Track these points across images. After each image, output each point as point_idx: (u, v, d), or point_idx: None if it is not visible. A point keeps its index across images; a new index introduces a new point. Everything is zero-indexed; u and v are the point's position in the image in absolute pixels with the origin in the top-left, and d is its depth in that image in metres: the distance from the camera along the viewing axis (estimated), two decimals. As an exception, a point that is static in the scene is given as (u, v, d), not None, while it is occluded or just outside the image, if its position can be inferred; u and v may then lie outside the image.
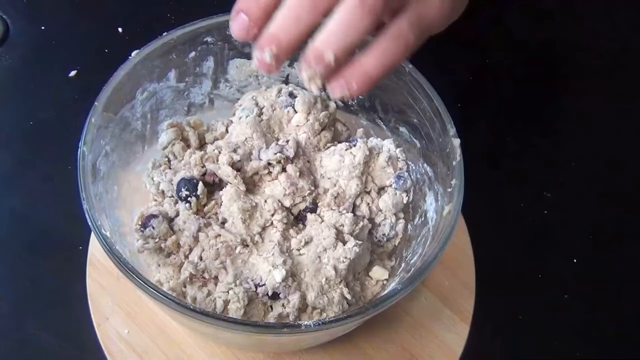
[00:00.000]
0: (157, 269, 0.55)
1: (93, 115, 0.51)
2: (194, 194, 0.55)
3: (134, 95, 0.55)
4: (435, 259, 0.49)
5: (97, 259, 0.64)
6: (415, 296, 0.65)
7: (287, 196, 0.55)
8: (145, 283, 0.45)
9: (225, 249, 0.53)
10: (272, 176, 0.56)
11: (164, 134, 0.61)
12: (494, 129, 0.50)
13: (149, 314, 0.61)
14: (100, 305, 0.61)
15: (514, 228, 0.72)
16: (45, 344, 0.60)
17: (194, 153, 0.59)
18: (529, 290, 0.68)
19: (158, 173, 0.59)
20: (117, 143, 0.55)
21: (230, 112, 0.64)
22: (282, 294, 0.52)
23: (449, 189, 0.53)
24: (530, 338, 0.65)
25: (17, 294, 0.64)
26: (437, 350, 0.62)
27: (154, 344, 0.60)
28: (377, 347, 0.62)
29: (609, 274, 0.70)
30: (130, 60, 0.53)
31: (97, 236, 0.47)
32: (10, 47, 0.81)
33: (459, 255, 0.68)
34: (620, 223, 0.74)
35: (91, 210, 0.47)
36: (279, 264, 0.52)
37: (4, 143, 0.74)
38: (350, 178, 0.57)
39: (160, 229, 0.54)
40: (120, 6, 0.86)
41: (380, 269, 0.59)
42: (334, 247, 0.54)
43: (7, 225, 0.68)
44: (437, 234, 0.53)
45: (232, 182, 0.55)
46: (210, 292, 0.53)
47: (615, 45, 0.90)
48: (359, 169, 0.57)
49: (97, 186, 0.51)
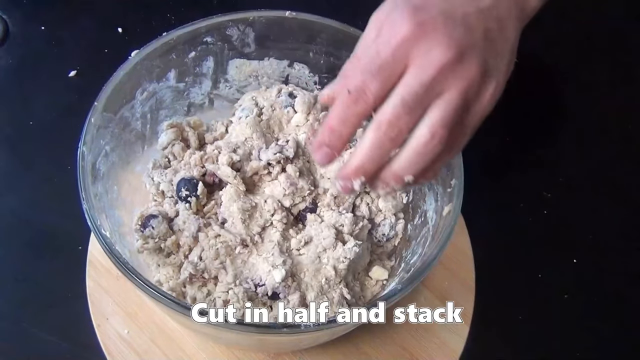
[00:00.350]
0: (157, 269, 0.55)
1: (93, 115, 0.51)
2: (194, 194, 0.55)
3: (134, 95, 0.55)
4: (435, 259, 0.49)
5: (97, 259, 0.64)
6: (415, 296, 0.65)
7: (287, 196, 0.55)
8: (145, 283, 0.45)
9: (225, 249, 0.53)
10: (272, 176, 0.56)
11: (164, 135, 0.61)
12: (493, 130, 0.50)
13: (149, 314, 0.61)
14: (100, 305, 0.61)
15: (514, 228, 0.72)
16: (45, 344, 0.60)
17: (194, 153, 0.59)
18: (529, 290, 0.68)
19: (158, 173, 0.59)
20: (117, 143, 0.55)
21: (230, 112, 0.64)
22: (281, 294, 0.52)
23: (448, 189, 0.53)
24: (530, 338, 0.65)
25: (17, 294, 0.64)
26: (437, 351, 0.62)
27: (154, 344, 0.60)
28: (377, 347, 0.62)
29: (609, 274, 0.70)
30: (130, 60, 0.53)
31: (96, 236, 0.47)
32: (10, 47, 0.81)
33: (459, 255, 0.68)
34: (620, 223, 0.74)
35: (91, 210, 0.48)
36: (278, 264, 0.52)
37: (4, 143, 0.74)
38: None
39: (160, 229, 0.54)
40: (120, 6, 0.86)
41: (380, 269, 0.59)
42: (333, 247, 0.54)
43: (7, 225, 0.68)
44: (437, 234, 0.53)
45: (231, 182, 0.55)
46: (210, 292, 0.53)
47: (611, 39, 0.90)
48: None
49: (97, 186, 0.51)
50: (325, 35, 0.61)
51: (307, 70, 0.65)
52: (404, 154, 0.42)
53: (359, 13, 0.48)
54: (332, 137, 0.43)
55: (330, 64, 0.63)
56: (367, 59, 0.41)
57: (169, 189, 0.58)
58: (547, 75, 0.87)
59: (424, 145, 0.41)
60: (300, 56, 0.64)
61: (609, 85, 0.86)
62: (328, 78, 0.65)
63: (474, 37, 0.41)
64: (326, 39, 0.61)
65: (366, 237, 0.59)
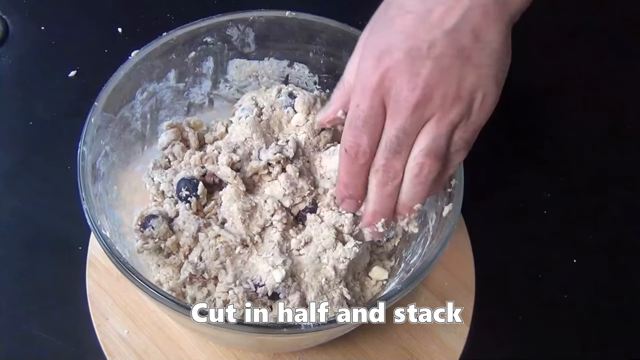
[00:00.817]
0: (157, 269, 0.55)
1: (93, 115, 0.51)
2: (194, 194, 0.55)
3: (134, 95, 0.55)
4: (435, 259, 0.49)
5: (96, 259, 0.64)
6: (415, 296, 0.65)
7: (286, 196, 0.55)
8: (145, 283, 0.45)
9: (225, 249, 0.53)
10: (272, 176, 0.56)
11: (164, 135, 0.61)
12: (493, 130, 0.50)
13: (148, 315, 0.61)
14: (100, 306, 0.61)
15: (513, 228, 0.72)
16: (45, 344, 0.60)
17: (194, 153, 0.59)
18: (529, 290, 0.68)
19: (158, 173, 0.59)
20: (117, 143, 0.55)
21: (230, 112, 0.64)
22: (281, 294, 0.52)
23: (448, 189, 0.53)
24: (530, 338, 0.65)
25: (17, 294, 0.64)
26: (437, 351, 0.62)
27: (154, 344, 0.60)
28: (377, 347, 0.62)
29: (609, 274, 0.70)
30: (130, 61, 0.53)
31: (96, 236, 0.47)
32: (10, 47, 0.81)
33: (459, 256, 0.68)
34: (620, 223, 0.74)
35: (91, 210, 0.48)
36: (278, 264, 0.52)
37: (4, 143, 0.74)
38: None
39: (160, 229, 0.54)
40: (120, 6, 0.86)
41: (379, 269, 0.59)
42: (333, 247, 0.54)
43: (7, 225, 0.68)
44: (437, 234, 0.53)
45: (231, 182, 0.55)
46: (210, 292, 0.53)
47: (611, 41, 0.90)
48: None
49: (97, 186, 0.51)
50: (325, 35, 0.61)
51: (307, 70, 0.65)
52: (405, 188, 0.47)
53: (359, 12, 0.48)
54: (350, 191, 0.49)
55: (330, 64, 0.63)
56: (351, 113, 0.45)
57: (169, 189, 0.58)
58: (547, 74, 0.87)
59: (416, 177, 0.46)
60: (300, 56, 0.64)
61: (612, 85, 0.86)
62: (328, 78, 0.65)
63: (442, 64, 0.42)
64: (326, 39, 0.61)
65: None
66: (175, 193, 0.56)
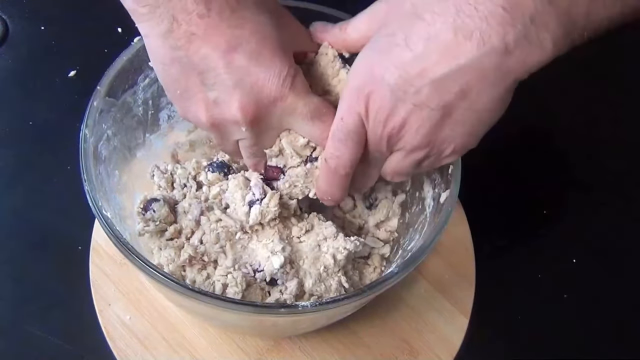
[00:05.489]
0: (158, 252, 0.55)
1: (95, 99, 0.51)
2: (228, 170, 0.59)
3: (136, 80, 0.56)
4: (431, 243, 0.49)
5: (100, 246, 0.64)
6: (415, 288, 0.65)
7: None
8: (145, 263, 0.45)
9: (226, 233, 0.53)
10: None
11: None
12: (495, 127, 0.50)
13: (150, 301, 0.62)
14: (103, 292, 0.62)
15: (514, 228, 0.72)
16: (45, 344, 0.60)
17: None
18: (528, 290, 0.68)
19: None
20: (119, 128, 0.55)
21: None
22: (279, 280, 0.52)
23: (446, 176, 0.53)
24: (529, 339, 0.65)
25: (17, 293, 0.64)
26: (436, 343, 0.62)
27: (155, 329, 0.61)
28: (376, 338, 0.62)
29: (609, 274, 0.70)
30: (132, 46, 0.54)
31: (98, 217, 0.47)
32: (10, 47, 0.81)
33: (459, 249, 0.68)
34: (620, 223, 0.74)
35: (92, 192, 0.48)
36: (277, 251, 0.52)
37: (4, 143, 0.74)
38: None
39: (161, 212, 0.54)
40: (120, 6, 0.86)
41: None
42: (334, 236, 0.54)
43: (7, 224, 0.68)
44: (435, 221, 0.53)
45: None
46: (210, 276, 0.53)
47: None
48: None
49: (99, 169, 0.51)
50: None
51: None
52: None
53: (361, 1, 0.49)
54: (328, 196, 0.51)
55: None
56: (335, 125, 0.46)
57: (185, 175, 0.59)
58: (548, 73, 0.87)
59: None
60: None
61: (612, 85, 0.86)
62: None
63: (421, 113, 0.42)
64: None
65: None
66: (209, 172, 0.59)
